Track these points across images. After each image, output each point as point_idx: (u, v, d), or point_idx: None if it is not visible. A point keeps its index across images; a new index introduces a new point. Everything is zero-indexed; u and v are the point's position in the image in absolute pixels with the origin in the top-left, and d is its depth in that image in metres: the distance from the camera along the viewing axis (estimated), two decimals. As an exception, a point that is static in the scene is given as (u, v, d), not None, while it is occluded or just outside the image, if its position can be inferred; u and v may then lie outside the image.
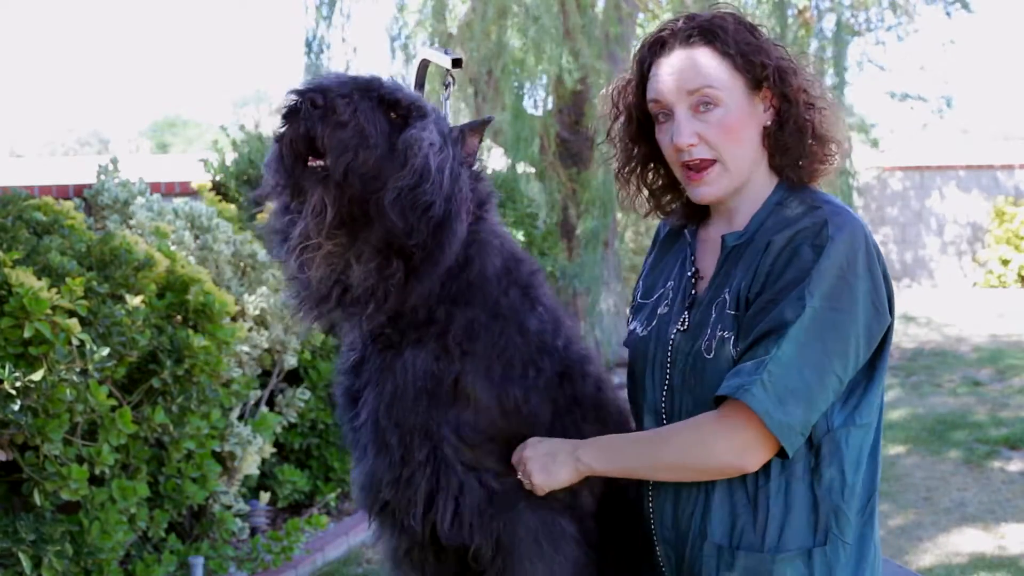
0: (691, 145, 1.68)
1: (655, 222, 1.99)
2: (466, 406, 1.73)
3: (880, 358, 1.69)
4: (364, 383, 1.80)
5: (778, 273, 1.62)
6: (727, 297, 1.69)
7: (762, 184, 1.74)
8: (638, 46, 1.79)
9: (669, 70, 1.69)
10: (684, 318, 1.75)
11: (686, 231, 1.85)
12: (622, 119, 1.83)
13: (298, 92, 1.66)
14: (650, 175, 1.85)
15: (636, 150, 1.83)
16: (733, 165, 1.69)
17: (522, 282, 1.83)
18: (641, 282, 1.92)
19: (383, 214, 1.65)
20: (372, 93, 1.69)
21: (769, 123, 1.72)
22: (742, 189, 1.73)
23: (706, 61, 1.68)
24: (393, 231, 1.66)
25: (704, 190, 1.71)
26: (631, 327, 1.87)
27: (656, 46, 1.73)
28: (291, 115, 1.66)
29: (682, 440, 1.66)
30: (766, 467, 1.66)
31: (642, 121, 1.79)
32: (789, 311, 1.59)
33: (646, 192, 1.87)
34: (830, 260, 1.59)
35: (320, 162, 1.64)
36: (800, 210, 1.68)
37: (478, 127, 1.82)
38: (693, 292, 1.77)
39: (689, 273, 1.79)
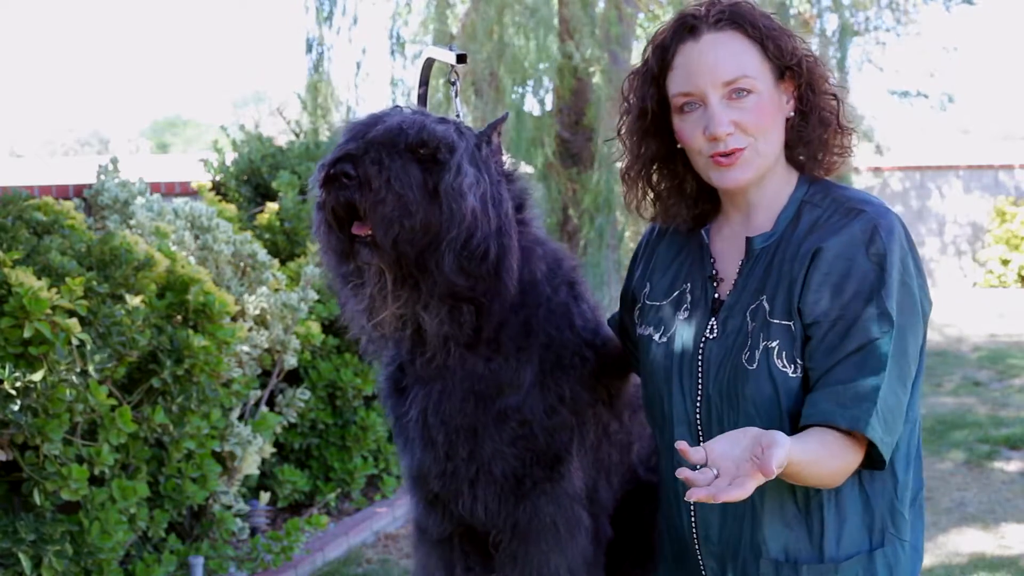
0: (728, 134, 1.59)
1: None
2: (514, 393, 1.80)
3: (921, 348, 1.63)
4: (412, 380, 1.86)
5: (837, 285, 1.55)
6: (766, 305, 1.60)
7: (781, 179, 1.67)
8: (655, 36, 1.69)
9: (702, 57, 1.60)
10: (712, 325, 1.66)
11: (702, 231, 1.74)
12: (633, 114, 1.73)
13: (329, 164, 1.68)
14: (655, 176, 1.76)
15: (643, 148, 1.73)
16: (764, 150, 1.62)
17: (568, 278, 1.90)
18: (648, 282, 1.80)
19: (444, 275, 1.69)
20: (399, 146, 1.69)
21: (792, 114, 1.66)
22: (763, 180, 1.66)
23: (740, 47, 1.60)
24: (457, 287, 1.71)
25: (736, 174, 1.62)
26: (642, 331, 1.77)
27: (682, 31, 1.63)
28: (328, 183, 1.68)
29: (841, 465, 1.55)
30: None
31: (656, 114, 1.70)
32: (874, 327, 1.53)
33: (651, 195, 1.77)
34: (895, 270, 1.55)
35: (367, 231, 1.67)
36: (838, 211, 1.61)
37: (498, 125, 1.83)
38: (716, 296, 1.68)
39: (709, 276, 1.70)
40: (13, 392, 2.91)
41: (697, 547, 1.70)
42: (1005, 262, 13.19)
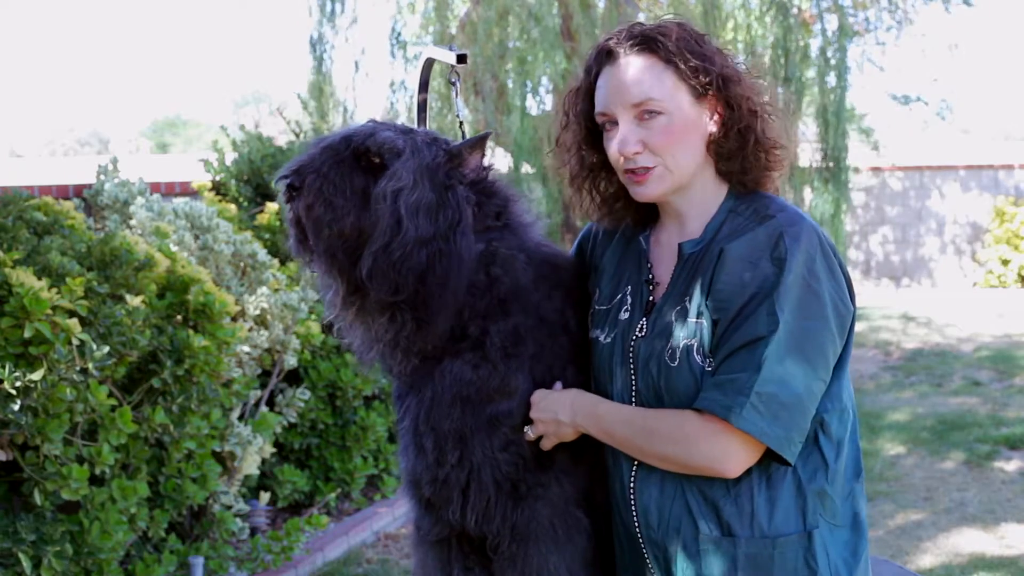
0: (636, 153, 1.72)
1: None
2: (506, 398, 1.81)
3: (847, 344, 1.74)
4: (407, 387, 1.89)
5: (738, 287, 1.66)
6: (688, 305, 1.72)
7: (712, 191, 1.78)
8: (586, 58, 1.81)
9: (614, 81, 1.73)
10: (642, 324, 1.78)
11: (640, 237, 1.87)
12: (574, 127, 1.85)
13: (284, 177, 1.74)
14: (602, 183, 1.88)
15: (587, 159, 1.86)
16: (675, 167, 1.73)
17: (564, 284, 1.90)
18: (597, 288, 1.92)
19: (363, 281, 1.72)
20: (342, 154, 1.73)
21: (715, 130, 1.76)
22: (687, 192, 1.77)
23: (650, 71, 1.71)
24: (381, 294, 1.72)
25: (643, 190, 1.75)
26: (593, 334, 1.88)
27: (603, 55, 1.76)
28: (287, 196, 1.75)
29: (667, 435, 1.69)
30: None
31: (591, 129, 1.82)
32: (762, 326, 1.63)
33: (598, 199, 1.89)
34: (794, 273, 1.64)
35: None
36: (754, 219, 1.72)
37: (477, 143, 1.84)
38: (651, 299, 1.80)
39: (645, 279, 1.82)
40: (13, 392, 2.92)
41: (639, 535, 1.78)
42: (1005, 262, 13.19)
